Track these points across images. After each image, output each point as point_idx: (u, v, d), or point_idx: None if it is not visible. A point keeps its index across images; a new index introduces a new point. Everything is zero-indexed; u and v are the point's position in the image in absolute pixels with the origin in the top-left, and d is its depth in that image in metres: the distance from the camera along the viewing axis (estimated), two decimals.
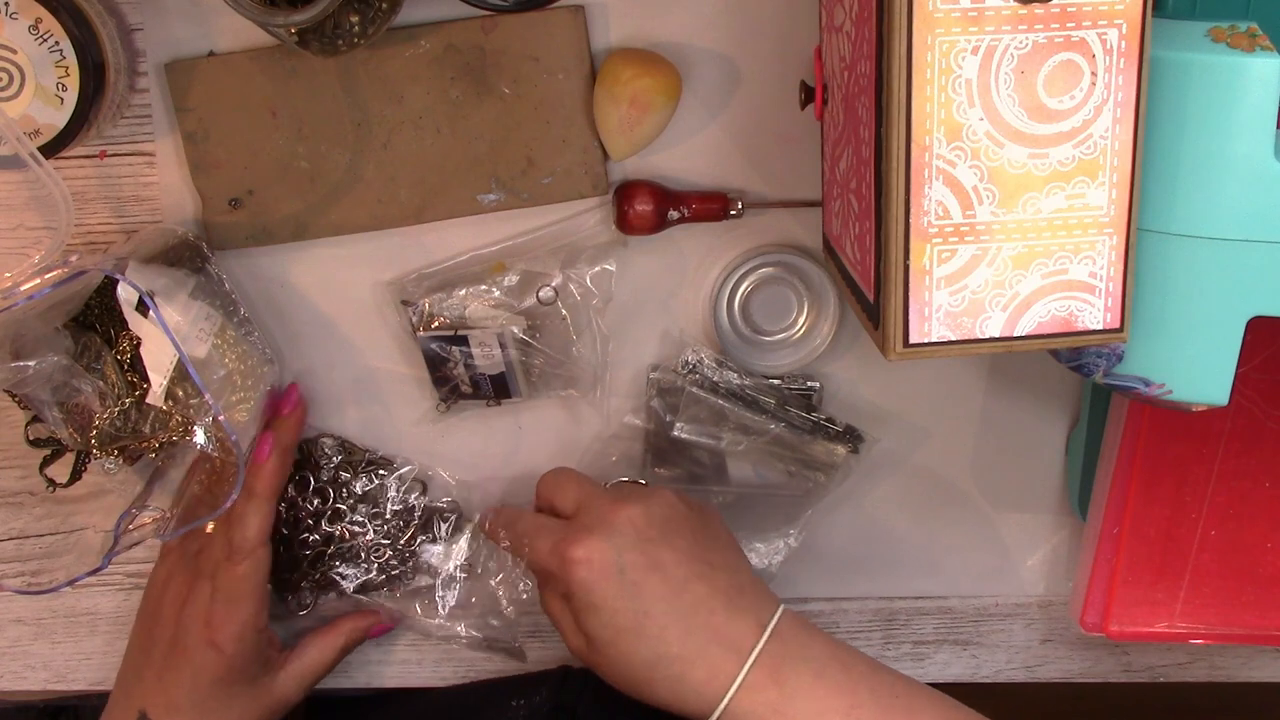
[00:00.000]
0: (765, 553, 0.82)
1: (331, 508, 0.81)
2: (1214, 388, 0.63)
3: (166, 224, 0.78)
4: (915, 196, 0.58)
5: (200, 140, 0.75)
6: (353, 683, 0.86)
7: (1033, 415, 0.83)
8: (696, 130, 0.77)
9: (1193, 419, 0.77)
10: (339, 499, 0.81)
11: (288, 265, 0.79)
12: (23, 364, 0.70)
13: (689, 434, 0.80)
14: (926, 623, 0.87)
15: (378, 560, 0.82)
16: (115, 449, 0.75)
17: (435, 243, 0.78)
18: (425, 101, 0.75)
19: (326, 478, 0.81)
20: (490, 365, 0.78)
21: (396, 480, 0.81)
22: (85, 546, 0.78)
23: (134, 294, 0.68)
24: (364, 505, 0.81)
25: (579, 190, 0.77)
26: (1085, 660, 0.87)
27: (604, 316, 0.79)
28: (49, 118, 0.70)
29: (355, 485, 0.81)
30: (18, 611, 0.86)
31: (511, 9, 0.73)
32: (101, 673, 0.87)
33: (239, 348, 0.75)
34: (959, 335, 0.60)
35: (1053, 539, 0.85)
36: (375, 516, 0.81)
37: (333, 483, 0.81)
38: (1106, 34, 0.57)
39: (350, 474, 0.81)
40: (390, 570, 0.82)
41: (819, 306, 0.79)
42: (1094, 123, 0.58)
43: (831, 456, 0.80)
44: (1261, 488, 0.79)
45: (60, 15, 0.68)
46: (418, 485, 0.82)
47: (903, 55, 0.56)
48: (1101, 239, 0.59)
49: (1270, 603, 0.80)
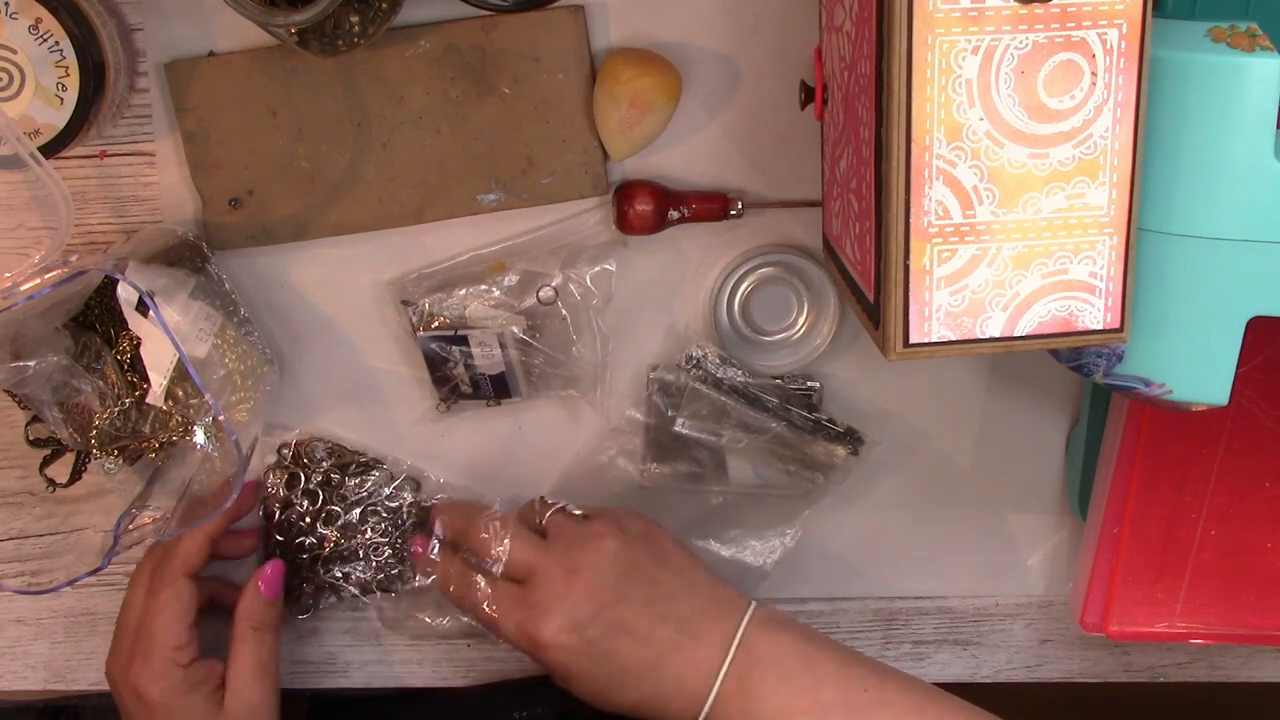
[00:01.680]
0: (761, 551, 0.82)
1: (324, 510, 0.81)
2: (1214, 388, 0.63)
3: (166, 224, 0.78)
4: (915, 196, 0.58)
5: (200, 140, 0.75)
6: (352, 683, 0.86)
7: (1033, 415, 0.83)
8: (696, 130, 0.77)
9: (1193, 419, 0.77)
10: (331, 500, 0.81)
11: (288, 265, 0.79)
12: (23, 364, 0.70)
13: (690, 429, 0.80)
14: (926, 623, 0.87)
15: (376, 560, 0.82)
16: (115, 449, 0.75)
17: (435, 243, 0.78)
18: (425, 101, 0.75)
19: (319, 479, 0.81)
20: (490, 365, 0.78)
21: (389, 479, 0.81)
22: (85, 546, 0.78)
23: (134, 294, 0.68)
24: (357, 507, 0.81)
25: (579, 190, 0.77)
26: (1085, 660, 0.87)
27: (604, 316, 0.79)
28: (49, 118, 0.70)
29: (347, 487, 0.81)
30: (18, 611, 0.86)
31: (511, 9, 0.73)
32: (101, 673, 0.86)
33: (239, 348, 0.75)
34: (959, 335, 0.60)
35: (1053, 539, 0.85)
36: (371, 515, 0.81)
37: (324, 485, 0.81)
38: (1106, 34, 0.57)
39: (340, 475, 0.81)
40: (389, 570, 0.82)
41: (819, 306, 0.79)
42: (1094, 123, 0.58)
43: (831, 457, 0.80)
44: (1261, 488, 0.79)
45: (60, 15, 0.68)
46: (410, 484, 0.82)
47: (903, 55, 0.56)
48: (1101, 239, 0.59)
49: (1270, 603, 0.80)
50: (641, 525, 0.75)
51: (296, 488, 0.81)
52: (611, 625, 0.71)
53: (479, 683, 0.86)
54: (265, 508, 0.82)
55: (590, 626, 0.71)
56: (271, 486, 0.81)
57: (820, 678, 0.69)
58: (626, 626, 0.71)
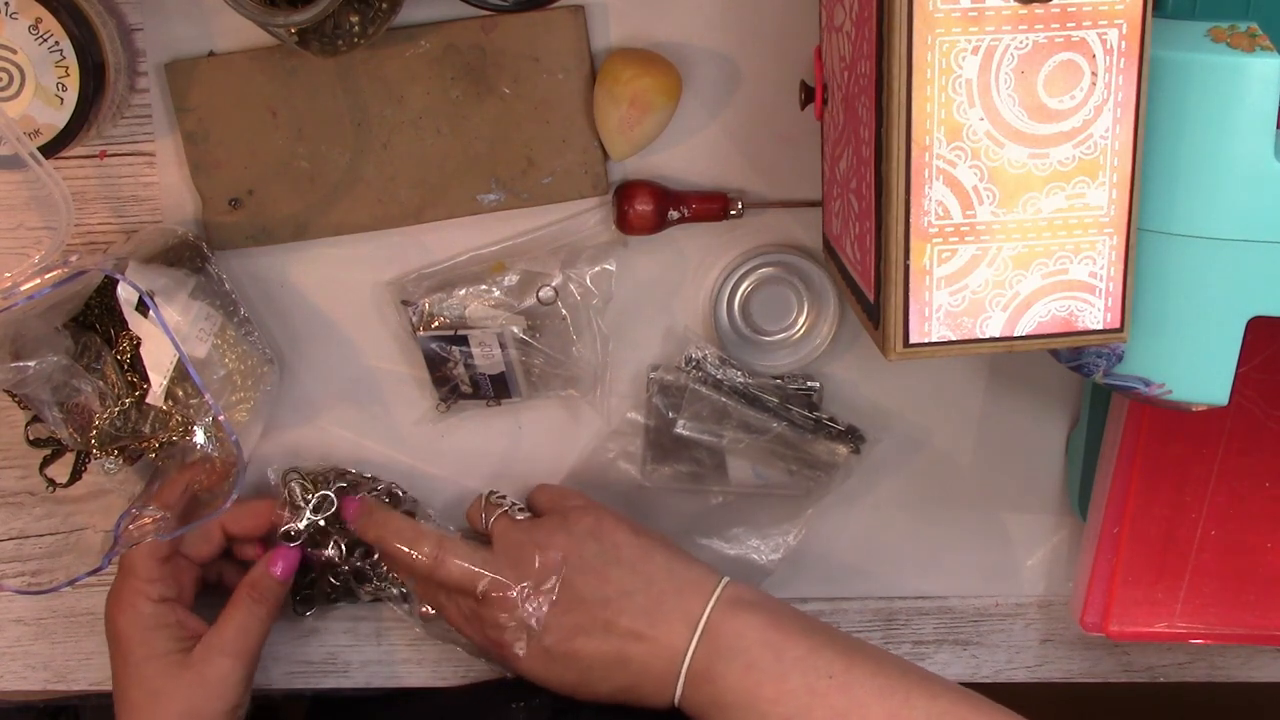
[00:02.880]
0: (765, 550, 0.82)
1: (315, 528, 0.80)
2: (1214, 388, 0.63)
3: (166, 224, 0.78)
4: (915, 196, 0.58)
5: (200, 140, 0.75)
6: (352, 683, 0.86)
7: (1033, 415, 0.83)
8: (696, 130, 0.77)
9: (1193, 419, 0.77)
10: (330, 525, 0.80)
11: (288, 265, 0.79)
12: (23, 364, 0.70)
13: (691, 430, 0.80)
14: (926, 623, 0.87)
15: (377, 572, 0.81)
16: (115, 449, 0.75)
17: (435, 243, 0.78)
18: (425, 101, 0.75)
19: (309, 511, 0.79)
20: (490, 365, 0.78)
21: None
22: (85, 546, 0.78)
23: (134, 294, 0.68)
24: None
25: (579, 190, 0.77)
26: (1085, 660, 0.87)
27: (604, 316, 0.79)
28: (49, 118, 0.70)
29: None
30: (18, 611, 0.86)
31: (511, 9, 0.73)
32: (102, 673, 0.86)
33: (239, 348, 0.75)
34: (959, 335, 0.60)
35: (1053, 539, 0.85)
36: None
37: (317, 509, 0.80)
38: (1106, 34, 0.57)
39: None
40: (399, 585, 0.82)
41: (819, 306, 0.79)
42: (1094, 123, 0.58)
43: (833, 456, 0.80)
44: (1261, 488, 0.79)
45: (60, 15, 0.68)
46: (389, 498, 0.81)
47: (903, 55, 0.56)
48: (1101, 239, 0.59)
49: (1270, 603, 0.80)
50: (589, 522, 0.75)
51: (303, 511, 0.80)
52: (566, 630, 0.72)
53: (478, 681, 0.86)
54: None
55: (545, 635, 0.72)
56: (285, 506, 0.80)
57: (786, 664, 0.69)
58: (581, 628, 0.72)
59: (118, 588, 0.75)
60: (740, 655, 0.70)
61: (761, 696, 0.69)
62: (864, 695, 0.69)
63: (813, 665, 0.69)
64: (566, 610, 0.72)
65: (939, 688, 0.70)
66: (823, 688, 0.69)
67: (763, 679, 0.69)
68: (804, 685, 0.69)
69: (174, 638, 0.75)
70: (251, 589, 0.77)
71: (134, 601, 0.74)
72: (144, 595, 0.74)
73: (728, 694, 0.69)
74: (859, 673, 0.69)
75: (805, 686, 0.69)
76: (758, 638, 0.70)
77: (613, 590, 0.72)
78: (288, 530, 0.78)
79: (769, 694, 0.69)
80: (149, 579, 0.75)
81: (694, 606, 0.71)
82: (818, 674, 0.69)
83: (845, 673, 0.69)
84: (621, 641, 0.71)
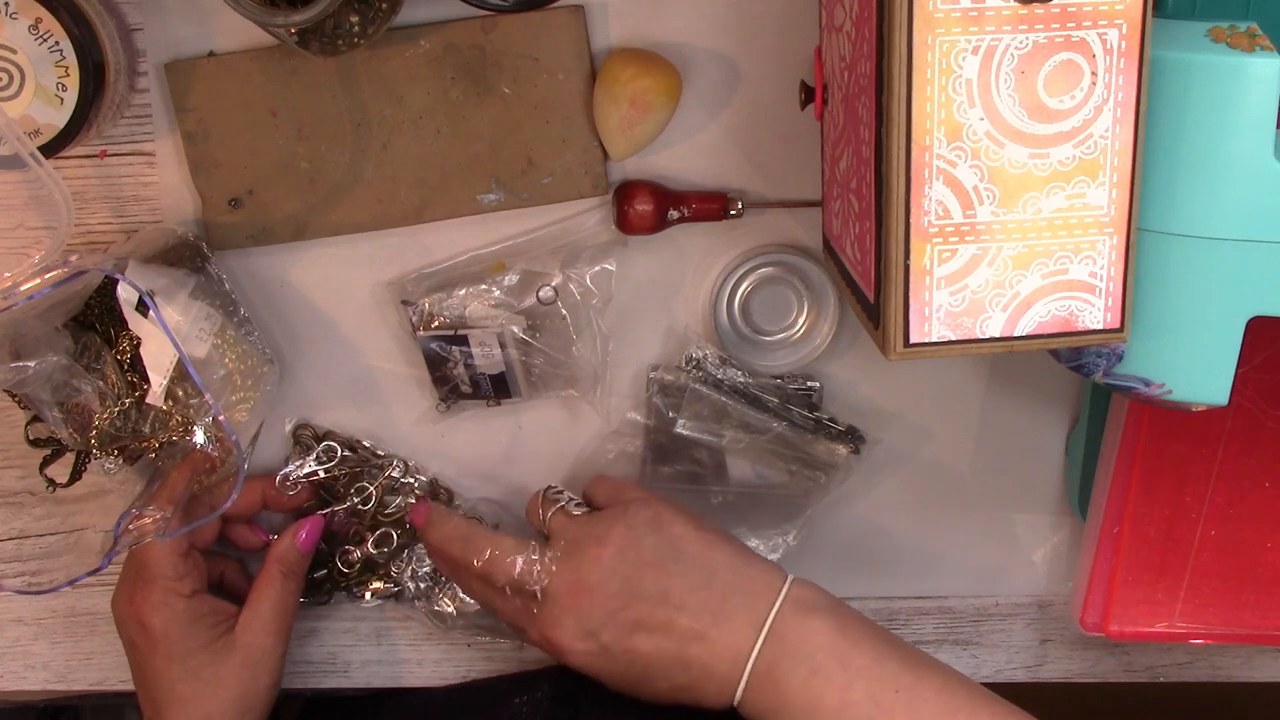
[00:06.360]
0: (764, 551, 0.82)
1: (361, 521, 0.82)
2: (1214, 388, 0.63)
3: (166, 224, 0.78)
4: (915, 196, 0.58)
5: (200, 140, 0.75)
6: (352, 683, 0.86)
7: (1033, 415, 0.83)
8: (696, 130, 0.77)
9: (1193, 419, 0.77)
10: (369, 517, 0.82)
11: (288, 265, 0.79)
12: (23, 364, 0.70)
13: (691, 430, 0.80)
14: (926, 623, 0.87)
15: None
16: (115, 449, 0.75)
17: (435, 243, 0.78)
18: (425, 102, 0.75)
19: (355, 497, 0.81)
20: (490, 365, 0.78)
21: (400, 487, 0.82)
22: (85, 546, 0.78)
23: (134, 294, 0.68)
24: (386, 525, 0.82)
25: (579, 190, 0.77)
26: (1085, 660, 0.87)
27: (604, 316, 0.79)
28: (49, 118, 0.70)
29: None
30: (18, 611, 0.86)
31: (511, 9, 0.73)
32: (101, 673, 0.87)
33: (239, 348, 0.75)
34: (959, 335, 0.60)
35: (1053, 539, 0.85)
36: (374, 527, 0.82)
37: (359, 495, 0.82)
38: (1107, 34, 0.57)
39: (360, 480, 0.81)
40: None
41: (819, 306, 0.79)
42: (1094, 123, 0.58)
43: (833, 456, 0.80)
44: (1261, 488, 0.79)
45: (60, 15, 0.68)
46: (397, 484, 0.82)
47: (903, 55, 0.56)
48: (1102, 239, 0.59)
49: (1270, 603, 0.80)
50: (649, 514, 0.72)
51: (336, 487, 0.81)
52: (625, 626, 0.69)
53: (479, 679, 0.86)
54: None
55: (603, 632, 0.69)
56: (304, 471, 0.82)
57: (851, 674, 0.67)
58: (642, 624, 0.69)
59: (144, 591, 0.75)
60: (805, 660, 0.67)
61: (825, 706, 0.66)
62: (929, 713, 0.66)
63: (878, 676, 0.67)
64: (625, 605, 0.69)
65: (1003, 710, 0.68)
66: (888, 702, 0.66)
67: (827, 688, 0.67)
68: (869, 697, 0.66)
69: (211, 625, 0.76)
70: (281, 564, 0.78)
71: (167, 600, 0.74)
72: (175, 593, 0.75)
73: (790, 700, 0.67)
74: (925, 689, 0.67)
75: (870, 698, 0.66)
76: (823, 643, 0.68)
77: (673, 585, 0.69)
78: (286, 474, 0.79)
79: (832, 704, 0.66)
80: (177, 576, 0.75)
81: (759, 606, 0.69)
82: (884, 686, 0.67)
83: (912, 687, 0.67)
84: (682, 641, 0.69)
